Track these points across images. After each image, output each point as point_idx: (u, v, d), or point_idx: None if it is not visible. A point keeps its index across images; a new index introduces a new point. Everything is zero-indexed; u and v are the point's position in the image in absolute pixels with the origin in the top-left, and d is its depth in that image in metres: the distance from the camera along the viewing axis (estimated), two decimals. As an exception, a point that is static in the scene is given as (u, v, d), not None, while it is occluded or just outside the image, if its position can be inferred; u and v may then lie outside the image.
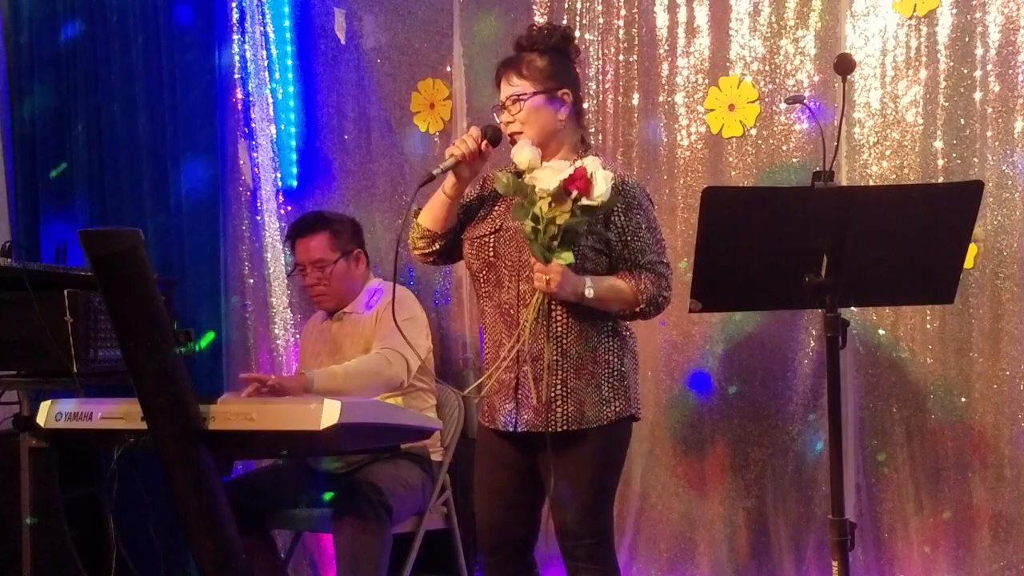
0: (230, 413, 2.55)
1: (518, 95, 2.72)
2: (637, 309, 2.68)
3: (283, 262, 4.18)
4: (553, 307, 2.66)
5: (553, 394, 2.65)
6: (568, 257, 2.54)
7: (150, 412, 2.51)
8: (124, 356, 2.53)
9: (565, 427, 2.66)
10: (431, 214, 2.80)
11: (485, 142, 2.69)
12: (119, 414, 2.66)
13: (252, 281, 4.18)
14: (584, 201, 2.52)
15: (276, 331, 4.17)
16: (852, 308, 3.32)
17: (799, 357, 3.56)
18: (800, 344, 3.56)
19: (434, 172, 2.69)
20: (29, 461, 3.30)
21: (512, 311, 2.69)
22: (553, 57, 2.74)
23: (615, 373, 2.70)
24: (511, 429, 2.71)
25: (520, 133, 2.72)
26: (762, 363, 3.61)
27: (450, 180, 2.72)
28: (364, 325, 3.55)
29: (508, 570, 2.83)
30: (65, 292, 3.25)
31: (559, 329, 2.66)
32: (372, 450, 3.30)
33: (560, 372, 2.66)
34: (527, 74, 2.72)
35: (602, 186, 2.52)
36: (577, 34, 3.76)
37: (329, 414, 2.47)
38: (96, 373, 3.37)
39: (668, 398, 3.72)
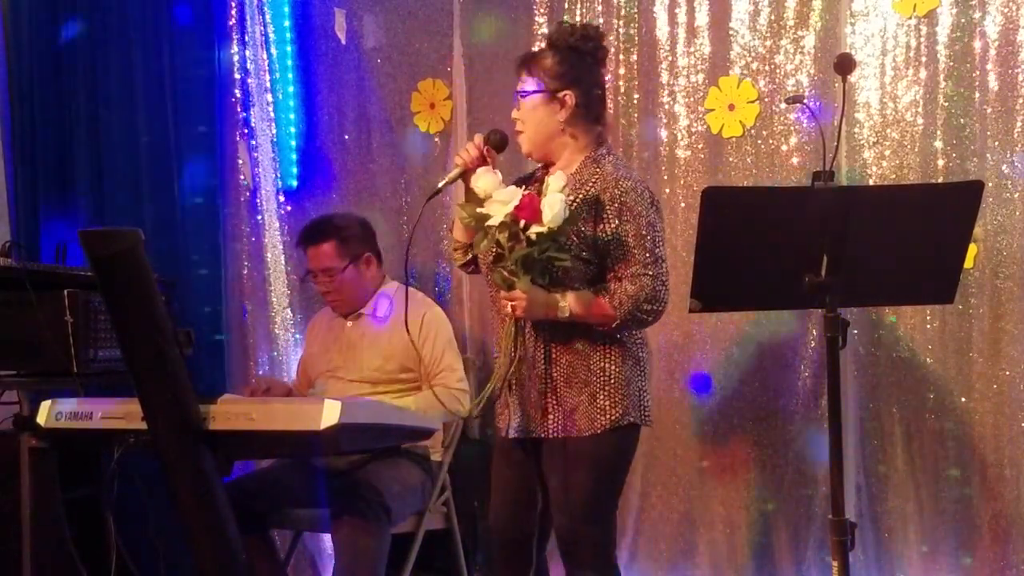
0: (230, 413, 2.55)
1: (522, 92, 2.73)
2: (615, 324, 2.62)
3: (283, 262, 4.17)
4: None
5: (544, 401, 2.66)
6: (524, 283, 2.53)
7: (150, 412, 2.51)
8: (124, 356, 2.53)
9: (556, 434, 2.66)
10: (458, 225, 2.81)
11: (487, 147, 2.69)
12: (119, 414, 2.66)
13: (252, 281, 4.18)
14: (535, 228, 2.50)
15: (276, 331, 4.17)
16: (852, 308, 3.32)
17: (799, 357, 3.55)
18: (800, 344, 3.56)
19: (440, 185, 2.71)
20: (29, 461, 3.29)
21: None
22: (566, 56, 2.71)
23: (612, 380, 2.65)
24: (504, 434, 2.75)
25: (521, 132, 2.74)
26: (762, 363, 3.61)
27: (463, 189, 2.71)
28: (381, 332, 3.55)
29: (516, 566, 2.83)
30: (65, 292, 3.25)
31: (548, 337, 2.66)
32: (372, 450, 3.31)
33: (550, 380, 2.66)
34: (534, 72, 2.72)
35: (548, 213, 2.49)
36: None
37: (329, 414, 2.46)
38: (96, 373, 3.37)
39: (668, 398, 3.71)
